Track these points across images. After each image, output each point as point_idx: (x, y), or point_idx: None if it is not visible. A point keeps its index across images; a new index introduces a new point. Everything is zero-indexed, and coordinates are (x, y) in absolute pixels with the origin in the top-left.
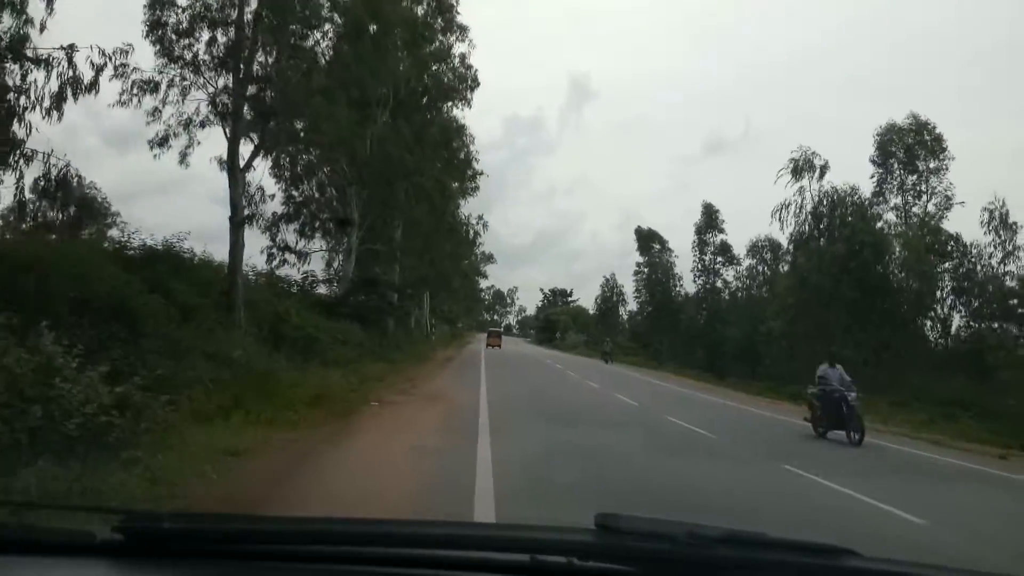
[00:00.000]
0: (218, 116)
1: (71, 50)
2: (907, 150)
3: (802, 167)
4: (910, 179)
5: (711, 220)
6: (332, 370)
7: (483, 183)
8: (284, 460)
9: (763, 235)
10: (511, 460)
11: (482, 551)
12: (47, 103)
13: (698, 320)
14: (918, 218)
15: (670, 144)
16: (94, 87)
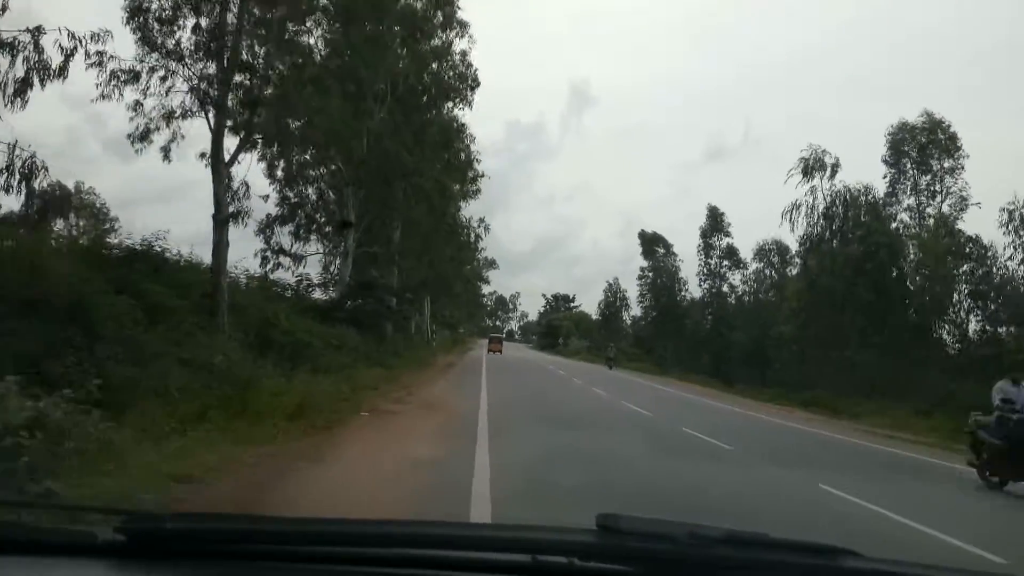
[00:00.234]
0: (201, 106)
1: (37, 33)
2: (920, 149)
3: (813, 166)
4: (924, 179)
5: (716, 223)
6: (323, 377)
7: (485, 189)
8: (247, 484)
9: (770, 238)
10: (513, 481)
11: (483, 551)
12: (11, 90)
13: (704, 325)
14: (933, 219)
15: (671, 149)
16: (63, 73)
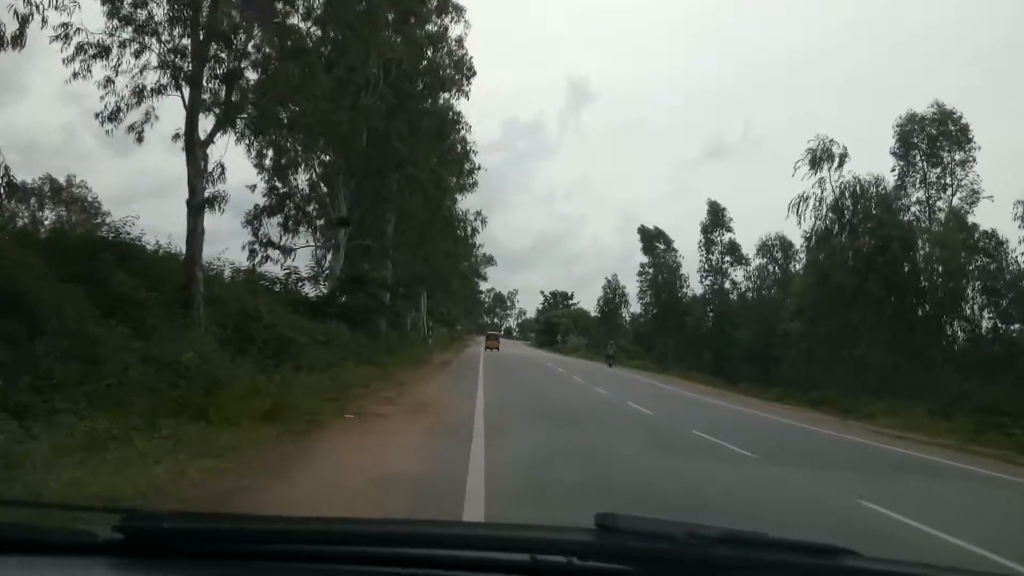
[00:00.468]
0: (174, 82)
1: None
2: (930, 141)
3: (821, 157)
4: (933, 172)
5: (718, 218)
6: (307, 375)
7: (483, 185)
8: (181, 509)
9: (773, 233)
10: (510, 496)
11: (482, 551)
12: None
13: (705, 322)
14: (943, 212)
15: (670, 147)
16: (19, 42)
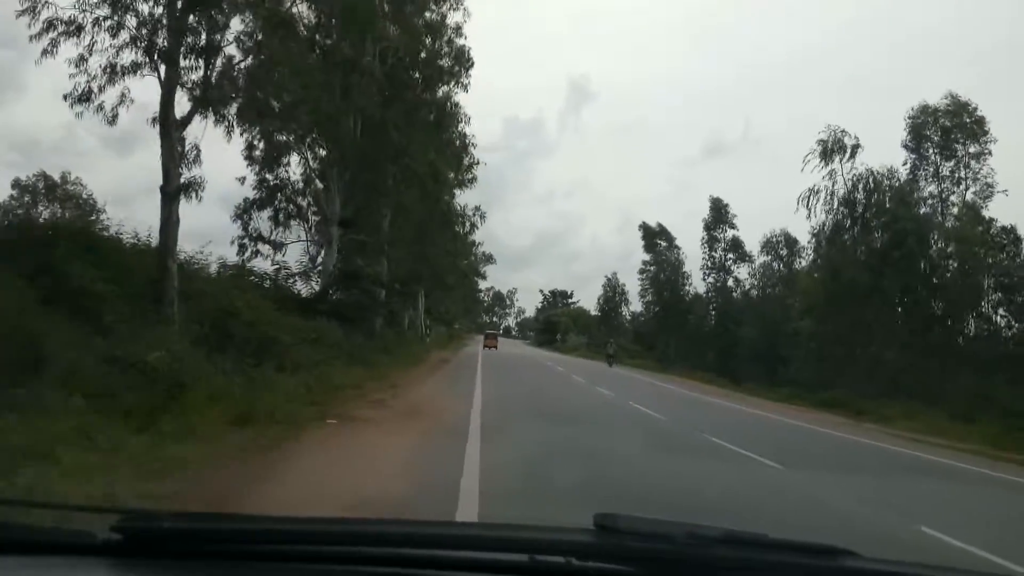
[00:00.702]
0: (148, 58)
1: None
2: (944, 133)
3: (832, 148)
4: (946, 166)
5: (720, 215)
6: (292, 376)
7: (482, 182)
8: None
9: (778, 230)
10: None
11: (480, 551)
12: None
13: (708, 320)
14: (956, 207)
15: (670, 146)
16: None
